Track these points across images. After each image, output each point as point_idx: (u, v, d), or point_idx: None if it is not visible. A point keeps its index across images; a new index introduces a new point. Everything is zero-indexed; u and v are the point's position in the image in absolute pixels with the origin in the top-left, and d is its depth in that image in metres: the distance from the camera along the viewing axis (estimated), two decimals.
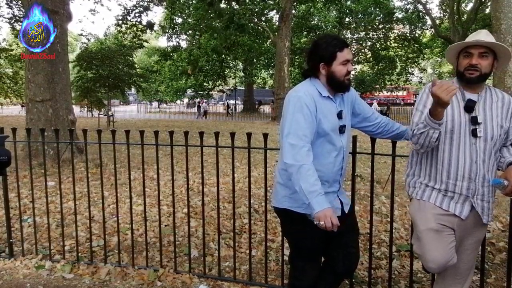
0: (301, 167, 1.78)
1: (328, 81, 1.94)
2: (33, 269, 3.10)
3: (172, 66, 30.19)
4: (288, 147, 1.83)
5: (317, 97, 1.91)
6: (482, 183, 1.87)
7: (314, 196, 1.75)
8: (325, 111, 1.92)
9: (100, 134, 3.06)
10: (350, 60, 1.93)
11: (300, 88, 1.95)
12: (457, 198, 1.89)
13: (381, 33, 32.13)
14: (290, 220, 2.03)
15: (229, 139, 2.81)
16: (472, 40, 1.86)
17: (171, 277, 2.96)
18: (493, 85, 7.25)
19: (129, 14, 17.59)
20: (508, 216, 2.66)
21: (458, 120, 1.86)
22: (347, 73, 1.92)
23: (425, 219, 1.91)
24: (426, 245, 1.89)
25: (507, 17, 7.08)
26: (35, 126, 7.12)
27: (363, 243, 3.70)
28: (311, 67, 1.98)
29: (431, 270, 1.96)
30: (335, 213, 1.83)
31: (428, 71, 45.30)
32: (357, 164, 3.66)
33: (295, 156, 1.80)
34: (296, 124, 1.84)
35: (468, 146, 1.85)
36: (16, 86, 21.80)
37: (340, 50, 1.89)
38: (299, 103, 1.86)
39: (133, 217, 3.43)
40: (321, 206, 1.74)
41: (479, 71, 1.83)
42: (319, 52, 1.92)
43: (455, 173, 1.87)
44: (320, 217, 1.73)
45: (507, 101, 1.91)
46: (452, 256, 1.89)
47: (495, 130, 1.85)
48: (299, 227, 1.98)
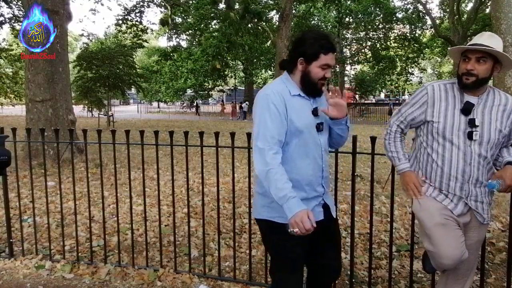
0: (268, 172, 1.67)
1: (301, 80, 1.81)
2: (33, 269, 3.09)
3: (172, 66, 30.16)
4: (256, 153, 1.72)
5: (287, 95, 1.78)
6: (475, 185, 1.87)
7: (285, 202, 1.63)
8: (297, 109, 1.78)
9: (100, 134, 3.06)
10: (330, 66, 1.79)
11: (269, 86, 1.83)
12: (451, 197, 1.91)
13: (381, 33, 32.14)
14: (270, 231, 1.89)
15: (229, 139, 2.81)
16: (468, 45, 1.84)
17: (171, 277, 2.96)
18: (493, 85, 7.24)
19: (129, 14, 17.59)
20: (508, 216, 2.66)
21: (451, 121, 1.86)
22: (323, 77, 1.79)
23: (430, 215, 1.91)
24: (438, 241, 1.88)
25: (507, 17, 7.07)
26: (35, 126, 7.12)
27: (363, 243, 3.70)
28: (290, 59, 1.84)
29: (445, 266, 1.93)
30: (311, 214, 1.66)
31: (428, 71, 45.30)
32: (357, 164, 3.66)
33: (262, 161, 1.69)
34: (263, 125, 1.73)
35: (463, 147, 1.84)
36: (16, 86, 21.80)
37: (325, 52, 1.76)
38: (266, 102, 1.75)
39: (133, 217, 3.43)
40: (292, 210, 1.61)
41: (475, 76, 1.80)
42: (303, 47, 1.78)
43: (448, 174, 1.88)
44: (292, 224, 1.61)
45: (510, 105, 1.87)
46: (464, 250, 1.89)
47: (492, 134, 1.84)
48: (281, 237, 1.79)
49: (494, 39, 1.84)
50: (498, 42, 1.83)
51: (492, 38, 1.84)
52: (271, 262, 2.01)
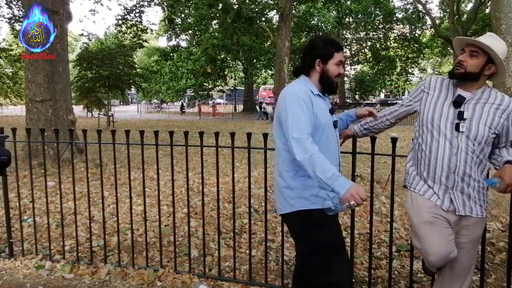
0: (311, 157, 1.76)
1: (320, 79, 2.01)
2: (33, 269, 3.09)
3: (172, 66, 30.18)
4: (294, 143, 1.82)
5: (311, 95, 1.96)
6: (462, 178, 1.89)
7: (334, 180, 1.70)
8: (320, 107, 1.96)
9: (100, 134, 3.06)
10: (343, 62, 2.02)
11: (294, 85, 1.99)
12: (437, 188, 1.94)
13: (381, 33, 32.16)
14: (308, 221, 1.96)
15: (229, 139, 2.81)
16: (467, 38, 1.91)
17: (171, 277, 2.96)
18: (493, 85, 7.25)
19: (129, 14, 17.59)
20: (508, 216, 2.66)
21: (440, 111, 1.94)
22: (338, 74, 2.01)
23: (418, 213, 1.97)
24: (424, 238, 1.93)
25: (507, 17, 7.08)
26: (35, 126, 7.11)
27: (363, 243, 3.70)
28: (306, 63, 2.03)
29: (432, 263, 1.97)
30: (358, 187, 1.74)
31: (428, 71, 45.28)
32: (357, 164, 3.66)
33: (302, 149, 1.79)
34: (296, 118, 1.86)
35: (449, 137, 1.89)
36: (16, 86, 21.80)
37: (337, 50, 1.98)
38: (296, 99, 1.90)
39: (133, 217, 3.43)
40: (344, 186, 1.69)
41: (464, 68, 1.87)
42: (317, 50, 1.99)
43: (434, 161, 1.93)
44: (348, 198, 1.67)
45: (505, 104, 1.89)
46: (452, 249, 1.92)
47: (481, 129, 1.86)
48: (321, 224, 1.94)
49: (494, 39, 1.87)
50: (497, 43, 1.85)
51: (492, 38, 1.87)
52: (309, 258, 2.03)
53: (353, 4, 30.13)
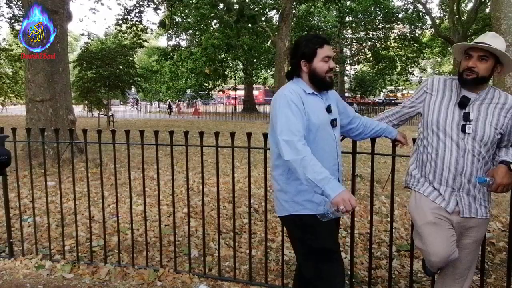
0: (303, 159, 1.72)
1: (310, 79, 1.95)
2: (33, 269, 3.10)
3: (172, 66, 30.14)
4: (283, 144, 1.78)
5: (302, 95, 1.91)
6: (469, 179, 1.89)
7: (326, 183, 1.67)
8: (313, 107, 1.91)
9: (100, 134, 3.06)
10: (331, 56, 1.94)
11: (284, 87, 1.96)
12: (443, 190, 1.93)
13: (381, 33, 32.11)
14: (300, 225, 1.93)
15: (229, 139, 2.81)
16: (472, 43, 1.87)
17: (171, 277, 2.96)
18: (493, 84, 7.24)
19: (129, 13, 17.57)
20: (508, 216, 2.66)
21: (445, 113, 1.92)
22: (328, 69, 1.94)
23: (422, 214, 1.96)
24: (427, 238, 1.93)
25: (507, 17, 7.06)
26: (35, 126, 7.11)
27: (363, 243, 3.70)
28: (293, 65, 2.00)
29: (434, 264, 1.97)
30: (351, 194, 1.72)
31: (428, 71, 45.26)
32: (357, 164, 3.66)
33: (293, 151, 1.75)
34: (287, 120, 1.82)
35: (456, 139, 1.88)
36: (16, 86, 21.78)
37: (320, 46, 1.91)
38: (285, 101, 1.86)
39: (133, 217, 3.42)
40: (336, 190, 1.66)
41: (476, 73, 1.84)
42: (300, 50, 1.94)
43: (441, 163, 1.92)
44: (339, 202, 1.64)
45: (509, 103, 1.89)
46: (453, 250, 1.92)
47: (487, 130, 1.86)
48: (312, 229, 1.90)
49: (498, 39, 1.87)
50: (501, 43, 1.86)
51: (496, 38, 1.87)
52: (303, 261, 2.01)
53: (353, 4, 30.09)
